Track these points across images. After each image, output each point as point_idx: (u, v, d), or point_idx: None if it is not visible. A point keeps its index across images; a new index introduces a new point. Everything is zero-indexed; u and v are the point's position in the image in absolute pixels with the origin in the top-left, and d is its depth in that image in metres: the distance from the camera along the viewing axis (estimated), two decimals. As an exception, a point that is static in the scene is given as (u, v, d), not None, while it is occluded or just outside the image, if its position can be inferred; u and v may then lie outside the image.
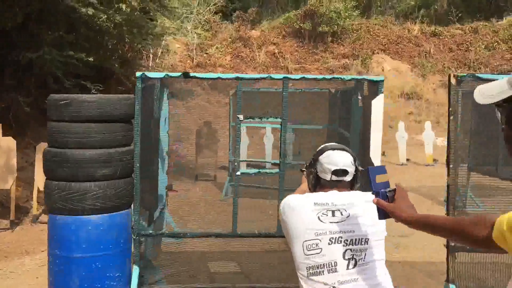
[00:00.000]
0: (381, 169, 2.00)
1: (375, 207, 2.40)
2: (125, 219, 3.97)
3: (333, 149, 2.39)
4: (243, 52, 17.51)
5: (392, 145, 13.57)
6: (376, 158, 4.04)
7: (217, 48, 17.58)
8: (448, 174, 3.79)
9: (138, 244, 4.05)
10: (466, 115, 4.62)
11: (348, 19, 17.59)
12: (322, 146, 2.47)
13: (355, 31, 17.84)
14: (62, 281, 3.83)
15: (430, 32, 17.93)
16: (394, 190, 1.91)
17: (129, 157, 3.94)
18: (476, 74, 3.99)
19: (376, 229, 2.25)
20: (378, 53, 17.16)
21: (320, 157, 2.37)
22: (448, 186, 3.80)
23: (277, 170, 4.14)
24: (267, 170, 6.44)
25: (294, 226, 2.25)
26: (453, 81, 3.69)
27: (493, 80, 1.37)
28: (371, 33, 17.95)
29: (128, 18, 8.52)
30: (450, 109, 3.74)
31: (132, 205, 4.10)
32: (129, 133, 3.99)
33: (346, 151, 2.40)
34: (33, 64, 8.07)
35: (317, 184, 2.39)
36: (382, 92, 4.05)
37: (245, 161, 10.16)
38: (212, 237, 4.16)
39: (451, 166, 3.77)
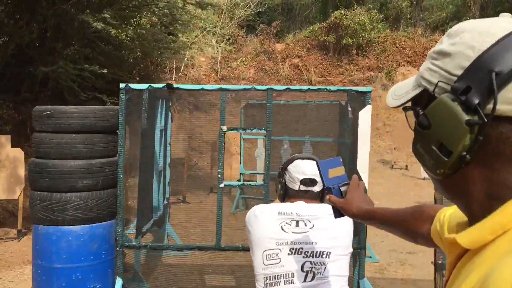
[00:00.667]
0: (335, 162, 1.72)
1: (340, 220, 2.32)
2: (108, 230, 3.97)
3: (302, 158, 2.36)
4: (267, 65, 17.52)
5: (416, 159, 13.25)
6: (363, 171, 3.92)
7: (241, 61, 17.66)
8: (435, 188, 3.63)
9: (122, 256, 4.03)
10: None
11: (373, 32, 17.38)
12: (292, 156, 2.44)
13: (380, 44, 17.61)
14: (43, 291, 3.85)
15: (458, 43, 17.49)
16: (349, 184, 1.65)
17: (112, 168, 3.94)
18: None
19: (339, 243, 2.18)
20: (404, 65, 16.87)
21: (289, 166, 2.34)
22: (435, 200, 3.64)
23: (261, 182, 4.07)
24: (251, 182, 6.37)
25: (256, 235, 2.20)
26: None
27: None
28: (397, 45, 17.67)
29: (142, 33, 8.64)
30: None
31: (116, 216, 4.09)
32: (113, 144, 4.00)
33: (316, 161, 2.36)
34: (49, 77, 8.27)
35: (286, 195, 2.35)
36: (370, 103, 3.94)
37: (259, 173, 10.11)
38: (195, 250, 4.09)
39: (437, 179, 3.61)
